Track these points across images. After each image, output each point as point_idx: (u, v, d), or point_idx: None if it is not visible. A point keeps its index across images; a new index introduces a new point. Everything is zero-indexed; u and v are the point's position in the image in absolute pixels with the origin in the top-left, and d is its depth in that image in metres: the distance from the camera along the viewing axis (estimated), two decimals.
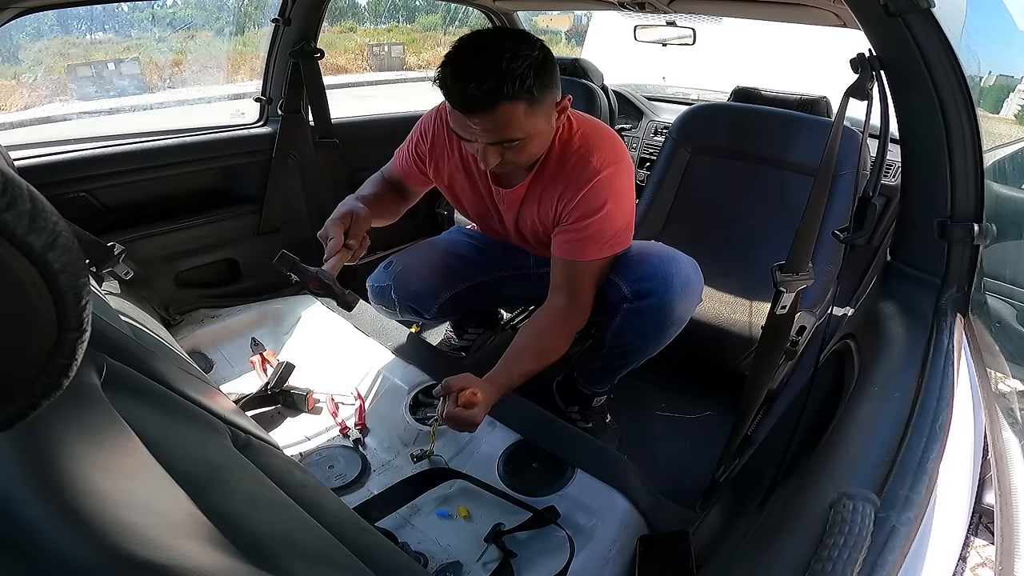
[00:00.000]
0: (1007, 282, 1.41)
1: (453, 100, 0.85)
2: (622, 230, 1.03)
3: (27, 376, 0.21)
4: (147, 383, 0.55)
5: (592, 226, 0.99)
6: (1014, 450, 0.68)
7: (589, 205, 0.98)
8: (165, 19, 8.25)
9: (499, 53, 0.82)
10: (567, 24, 12.64)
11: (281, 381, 1.20)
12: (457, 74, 0.83)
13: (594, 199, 0.98)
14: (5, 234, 0.18)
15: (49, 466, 0.31)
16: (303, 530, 0.46)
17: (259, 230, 1.67)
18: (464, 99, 0.84)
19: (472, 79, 0.82)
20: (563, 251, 1.03)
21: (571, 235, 1.01)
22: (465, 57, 0.84)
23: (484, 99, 0.83)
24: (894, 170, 1.62)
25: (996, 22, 1.19)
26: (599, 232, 1.00)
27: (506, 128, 0.86)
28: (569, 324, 1.03)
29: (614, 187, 0.99)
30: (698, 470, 1.12)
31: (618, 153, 1.01)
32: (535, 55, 0.85)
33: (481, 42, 0.85)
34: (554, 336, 1.02)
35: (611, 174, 0.98)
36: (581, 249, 1.01)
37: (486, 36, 0.86)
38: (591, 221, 0.99)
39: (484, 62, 0.82)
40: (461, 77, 0.83)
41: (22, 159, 1.27)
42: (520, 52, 0.83)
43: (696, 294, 1.05)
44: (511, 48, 0.83)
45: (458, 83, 0.83)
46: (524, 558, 0.89)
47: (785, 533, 0.53)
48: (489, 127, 0.86)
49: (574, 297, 1.03)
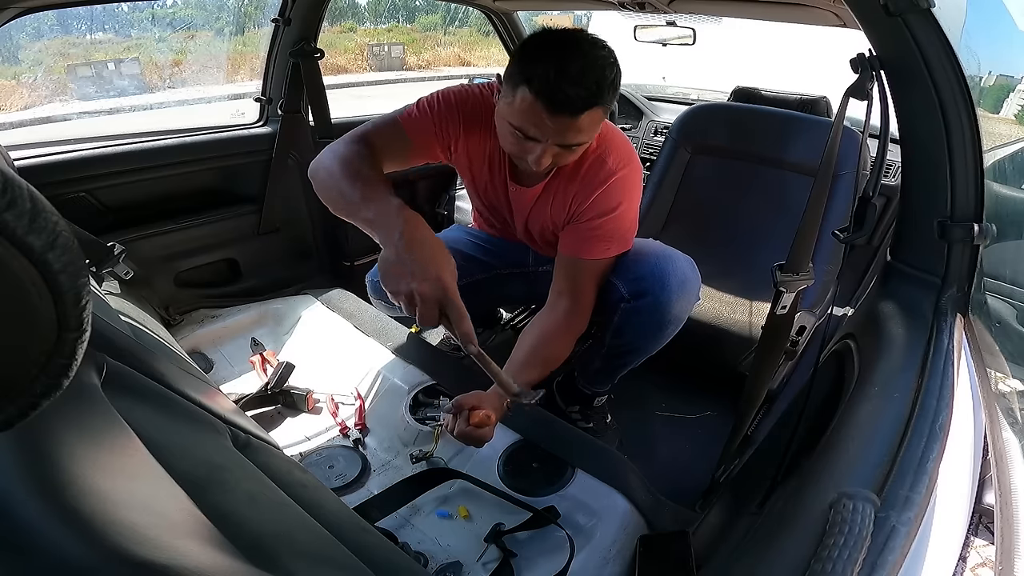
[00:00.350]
0: (1007, 282, 1.41)
1: (549, 98, 0.80)
2: (629, 230, 1.04)
3: (27, 376, 0.21)
4: (147, 383, 0.55)
5: (604, 225, 1.00)
6: (1014, 450, 0.68)
7: (603, 205, 0.99)
8: (165, 19, 8.26)
9: (598, 57, 0.81)
10: (567, 24, 12.65)
11: (281, 381, 1.20)
12: (562, 74, 0.79)
13: (609, 199, 0.99)
14: (5, 234, 0.18)
15: (49, 466, 0.31)
16: (303, 530, 0.46)
17: (259, 230, 1.67)
18: (564, 99, 0.80)
19: (576, 81, 0.79)
20: (570, 248, 1.03)
21: (580, 233, 1.01)
22: (563, 53, 0.80)
23: (581, 103, 0.81)
24: (894, 170, 1.62)
25: (996, 22, 1.19)
26: (609, 231, 1.01)
27: (581, 132, 0.85)
28: (572, 328, 1.03)
29: (627, 188, 1.00)
30: (698, 470, 1.12)
31: (631, 154, 1.02)
32: (617, 63, 0.83)
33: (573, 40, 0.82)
34: (557, 343, 1.02)
35: (625, 175, 0.99)
36: (589, 247, 1.01)
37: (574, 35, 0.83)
38: (603, 220, 0.99)
39: (587, 65, 0.80)
40: (565, 77, 0.79)
41: (22, 159, 1.27)
42: (608, 57, 0.82)
43: (693, 293, 1.05)
44: (603, 54, 0.81)
45: (561, 83, 0.79)
46: (524, 558, 0.89)
47: (785, 533, 0.53)
48: (568, 129, 0.84)
49: (577, 298, 1.03)
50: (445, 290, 0.74)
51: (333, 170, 0.87)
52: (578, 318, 1.04)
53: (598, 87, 0.80)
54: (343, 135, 0.96)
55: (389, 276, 0.75)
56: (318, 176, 0.91)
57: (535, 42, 0.83)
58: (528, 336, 1.03)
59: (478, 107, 1.01)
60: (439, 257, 0.75)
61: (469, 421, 0.91)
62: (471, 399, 0.93)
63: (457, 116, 1.00)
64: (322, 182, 0.90)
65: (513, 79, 0.83)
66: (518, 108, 0.83)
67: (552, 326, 1.03)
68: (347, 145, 0.92)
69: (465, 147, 1.05)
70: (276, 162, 1.63)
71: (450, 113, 1.00)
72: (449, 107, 1.00)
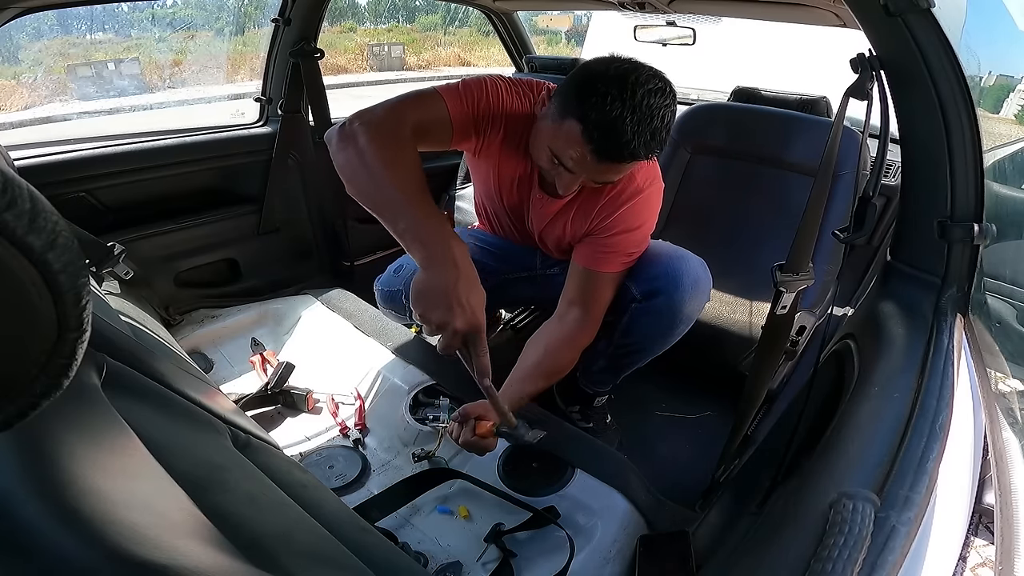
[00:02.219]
0: (1007, 282, 1.41)
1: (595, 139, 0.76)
2: (644, 243, 1.04)
3: (27, 376, 0.21)
4: (147, 383, 0.55)
5: (624, 241, 0.99)
6: (1014, 450, 0.68)
7: (628, 222, 0.98)
8: (165, 19, 8.27)
9: (656, 107, 0.76)
10: (567, 24, 12.65)
11: (281, 381, 1.20)
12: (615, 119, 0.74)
13: (634, 217, 0.98)
14: (5, 234, 0.18)
15: (49, 466, 0.31)
16: (303, 530, 0.46)
17: (259, 230, 1.67)
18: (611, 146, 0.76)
19: (628, 131, 0.75)
20: (587, 260, 1.02)
21: (600, 247, 1.00)
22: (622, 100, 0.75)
23: (631, 154, 0.77)
24: (894, 170, 1.62)
25: (996, 22, 1.19)
26: (628, 247, 1.00)
27: (619, 175, 0.83)
28: (580, 340, 1.03)
29: (651, 206, 1.00)
30: (698, 470, 1.12)
31: (656, 171, 1.01)
32: (674, 108, 0.79)
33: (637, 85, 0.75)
34: (564, 353, 1.02)
35: (651, 192, 0.99)
36: (607, 260, 1.00)
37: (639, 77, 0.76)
38: (625, 236, 0.99)
39: (644, 115, 0.75)
40: (617, 123, 0.74)
41: (22, 159, 1.27)
42: (668, 107, 0.77)
43: (705, 293, 1.05)
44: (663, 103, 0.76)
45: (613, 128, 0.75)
46: (524, 558, 0.89)
47: (785, 533, 0.53)
48: (608, 172, 0.82)
49: (588, 309, 1.02)
50: (480, 328, 0.72)
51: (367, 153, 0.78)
52: (587, 329, 1.03)
53: (652, 140, 0.77)
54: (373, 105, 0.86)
55: (426, 300, 0.72)
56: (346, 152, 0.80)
57: (596, 76, 0.77)
58: (534, 347, 1.03)
59: (523, 113, 0.95)
60: (479, 294, 0.73)
61: (475, 431, 0.90)
62: (478, 408, 0.92)
63: (501, 118, 0.95)
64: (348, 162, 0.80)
65: (565, 107, 0.79)
66: (563, 138, 0.79)
67: (560, 338, 1.02)
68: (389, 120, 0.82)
69: (499, 150, 0.99)
70: (276, 162, 1.63)
71: (495, 112, 0.94)
72: (497, 106, 0.93)
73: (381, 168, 0.76)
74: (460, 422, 0.93)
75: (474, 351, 0.74)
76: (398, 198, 0.75)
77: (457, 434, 0.92)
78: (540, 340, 1.03)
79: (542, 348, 1.02)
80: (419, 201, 0.75)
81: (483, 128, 0.95)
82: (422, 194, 0.76)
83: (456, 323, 0.71)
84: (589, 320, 1.03)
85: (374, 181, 0.77)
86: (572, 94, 0.78)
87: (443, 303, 0.71)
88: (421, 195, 0.76)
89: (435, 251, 0.72)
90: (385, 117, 0.83)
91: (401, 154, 0.79)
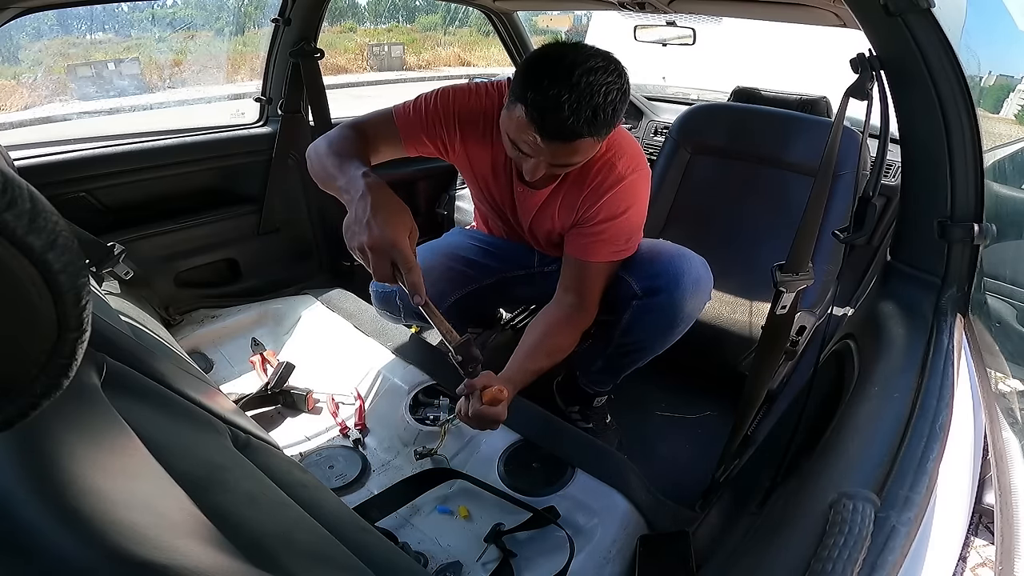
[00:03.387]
0: (1007, 282, 1.41)
1: (536, 120, 0.79)
2: (635, 233, 1.04)
3: (27, 376, 0.21)
4: (147, 383, 0.55)
5: (610, 229, 1.00)
6: (1014, 450, 0.68)
7: (611, 209, 0.99)
8: (165, 19, 8.26)
9: (595, 83, 0.77)
10: (567, 24, 12.65)
11: (281, 381, 1.20)
12: (553, 98, 0.77)
13: (617, 204, 0.98)
14: (5, 234, 0.18)
15: (49, 466, 0.31)
16: (303, 530, 0.46)
17: (259, 230, 1.67)
18: (550, 125, 0.79)
19: (567, 108, 0.77)
20: (577, 250, 1.03)
21: (588, 237, 1.01)
22: (560, 79, 0.77)
23: (572, 132, 0.79)
24: (894, 170, 1.62)
25: (996, 22, 1.19)
26: (615, 235, 1.01)
27: (575, 155, 0.84)
28: (577, 323, 1.04)
29: (636, 193, 1.00)
30: (698, 470, 1.12)
31: (640, 158, 1.01)
32: (623, 86, 0.80)
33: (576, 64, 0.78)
34: (564, 334, 1.02)
35: (635, 180, 0.99)
36: (595, 250, 1.01)
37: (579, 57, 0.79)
38: (610, 224, 0.99)
39: (582, 92, 0.77)
40: (554, 101, 0.77)
41: (22, 159, 1.27)
42: (612, 83, 0.79)
43: (706, 292, 1.06)
44: (605, 80, 0.78)
45: (550, 107, 0.77)
46: (524, 558, 0.89)
47: (785, 533, 0.53)
48: (560, 152, 0.83)
49: (583, 297, 1.04)
50: (394, 242, 0.76)
51: (320, 150, 0.93)
52: (584, 314, 1.04)
53: (593, 117, 0.78)
54: None
55: (348, 232, 0.79)
56: (310, 157, 0.95)
57: (538, 60, 0.81)
58: (535, 327, 1.04)
59: (479, 109, 1.00)
60: (393, 216, 0.78)
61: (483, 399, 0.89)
62: (481, 379, 0.91)
63: (453, 120, 1.01)
64: (311, 161, 0.95)
65: (513, 93, 0.82)
66: (515, 123, 0.83)
67: (558, 318, 1.04)
68: (339, 130, 0.98)
69: (464, 148, 1.04)
70: (276, 162, 1.63)
71: (446, 116, 1.00)
72: (446, 110, 1.00)
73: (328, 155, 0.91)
74: (466, 395, 0.91)
75: (402, 268, 0.78)
76: (339, 169, 0.87)
77: (465, 409, 0.91)
78: (540, 322, 1.05)
79: (541, 328, 1.03)
80: (349, 167, 0.86)
81: (436, 133, 1.02)
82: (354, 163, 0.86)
83: (372, 241, 0.76)
84: (585, 305, 1.04)
85: (323, 164, 0.91)
86: (518, 80, 0.81)
87: (360, 229, 0.77)
88: (352, 163, 0.86)
89: (352, 190, 0.81)
90: (342, 128, 0.98)
91: (344, 143, 0.93)
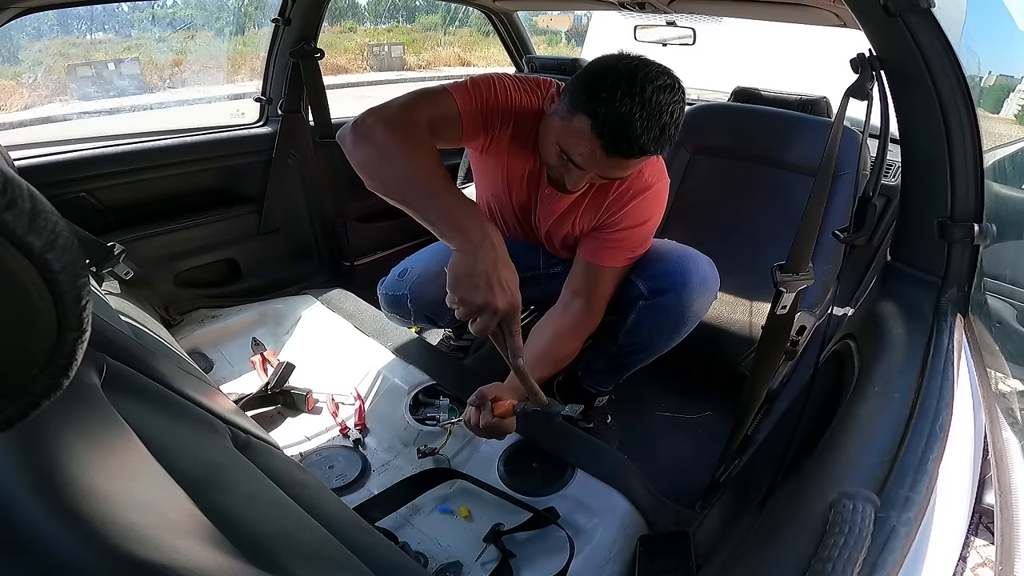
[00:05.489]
0: (1007, 282, 1.41)
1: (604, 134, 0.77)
2: (649, 239, 1.05)
3: (27, 376, 0.21)
4: (147, 383, 0.55)
5: (630, 236, 1.00)
6: (1014, 450, 0.68)
7: (635, 218, 0.99)
8: (165, 19, 8.27)
9: (665, 102, 0.76)
10: (567, 24, 12.65)
11: (281, 381, 1.20)
12: (623, 113, 0.75)
13: (641, 212, 0.99)
14: (5, 234, 0.18)
15: (49, 466, 0.31)
16: (303, 530, 0.46)
17: (259, 230, 1.67)
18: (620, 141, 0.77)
19: (639, 126, 0.75)
20: (591, 254, 1.03)
21: (605, 242, 1.01)
22: (631, 96, 0.75)
23: (640, 149, 0.78)
24: (894, 170, 1.62)
25: (996, 22, 1.19)
26: (633, 242, 1.01)
27: (627, 171, 0.83)
28: (584, 328, 1.04)
29: (658, 201, 1.00)
30: (698, 470, 1.12)
31: (663, 168, 1.02)
32: (684, 104, 0.80)
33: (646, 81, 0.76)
34: (569, 342, 1.02)
35: (659, 188, 1.00)
36: (612, 255, 1.01)
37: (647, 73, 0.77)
38: (631, 232, 1.00)
39: (653, 111, 0.75)
40: (626, 118, 0.75)
41: (22, 159, 1.27)
42: (677, 103, 0.78)
43: (712, 291, 1.06)
44: (672, 99, 0.77)
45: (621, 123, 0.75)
46: (524, 558, 0.89)
47: (785, 533, 0.53)
48: (617, 168, 0.82)
49: (591, 300, 1.03)
50: (518, 306, 0.73)
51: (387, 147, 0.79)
52: (591, 319, 1.04)
53: (660, 136, 0.77)
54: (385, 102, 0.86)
55: (464, 285, 0.72)
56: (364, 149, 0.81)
57: (606, 71, 0.78)
58: (540, 335, 1.03)
59: (531, 109, 0.95)
60: (515, 274, 0.74)
61: (494, 412, 0.89)
62: (493, 390, 0.91)
63: (510, 114, 0.94)
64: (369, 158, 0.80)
65: (575, 103, 0.79)
66: (573, 134, 0.80)
67: (565, 325, 1.03)
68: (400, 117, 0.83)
69: (508, 147, 0.99)
70: (276, 162, 1.63)
71: (505, 108, 0.93)
72: (506, 101, 0.93)
73: (405, 161, 0.77)
74: (477, 406, 0.91)
75: (508, 331, 0.75)
76: (427, 188, 0.75)
77: (475, 420, 0.90)
78: (546, 328, 1.04)
79: (548, 335, 1.02)
80: (448, 189, 0.76)
81: (492, 125, 0.94)
82: (449, 183, 0.77)
83: (498, 303, 0.71)
84: (592, 310, 1.04)
85: (400, 174, 0.77)
86: (582, 90, 0.79)
87: (484, 284, 0.71)
88: (448, 183, 0.77)
89: (472, 235, 0.72)
90: (400, 113, 0.83)
91: (422, 146, 0.80)
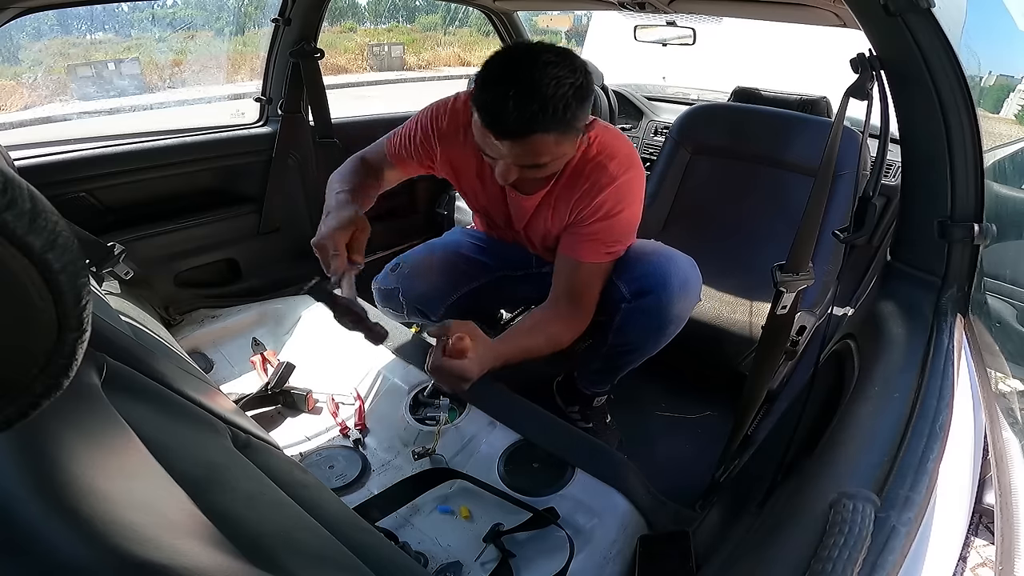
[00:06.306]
0: (1007, 282, 1.41)
1: (486, 120, 0.81)
2: (628, 234, 1.04)
3: (27, 376, 0.21)
4: (147, 383, 0.55)
5: (603, 230, 1.00)
6: (1014, 450, 0.68)
7: (604, 210, 0.99)
8: (165, 19, 8.27)
9: (542, 77, 0.78)
10: (567, 24, 12.64)
11: (281, 381, 1.20)
12: (497, 94, 0.78)
13: (611, 204, 0.99)
14: (5, 234, 0.18)
15: (49, 466, 0.31)
16: (303, 529, 0.46)
17: (259, 230, 1.67)
18: (499, 123, 0.80)
19: (511, 103, 0.77)
20: (569, 249, 1.03)
21: (580, 237, 1.02)
22: (506, 76, 0.79)
23: (521, 127, 0.79)
24: (894, 170, 1.62)
25: (996, 22, 1.19)
26: (607, 235, 1.01)
27: (534, 155, 0.84)
28: (572, 323, 1.04)
29: (630, 193, 1.00)
30: (698, 470, 1.11)
31: (633, 159, 1.01)
32: (577, 80, 0.81)
33: (523, 61, 0.79)
34: (560, 329, 1.02)
35: (627, 180, 0.99)
36: (588, 250, 1.01)
37: (528, 54, 0.80)
38: (603, 225, 1.00)
39: (527, 86, 0.77)
40: (500, 98, 0.78)
41: (22, 159, 1.26)
42: (564, 77, 0.79)
43: (694, 293, 1.06)
44: (555, 74, 0.78)
45: (496, 104, 0.78)
46: (524, 558, 0.89)
47: (785, 533, 0.53)
48: (517, 152, 0.83)
49: (575, 300, 1.03)
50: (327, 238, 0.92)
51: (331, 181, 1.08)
52: (574, 315, 1.04)
53: (541, 111, 0.78)
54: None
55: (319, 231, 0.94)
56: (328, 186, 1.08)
57: (488, 64, 0.83)
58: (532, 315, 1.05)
59: (456, 121, 1.04)
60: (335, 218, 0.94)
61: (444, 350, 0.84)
62: (461, 326, 0.87)
63: (432, 140, 1.06)
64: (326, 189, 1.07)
65: (473, 99, 0.83)
66: (476, 128, 0.85)
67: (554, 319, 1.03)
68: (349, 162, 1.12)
69: (448, 159, 1.08)
70: (276, 162, 1.63)
71: (425, 138, 1.06)
72: (425, 132, 1.06)
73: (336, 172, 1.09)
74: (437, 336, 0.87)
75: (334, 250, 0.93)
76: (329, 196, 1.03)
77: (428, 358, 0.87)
78: (527, 317, 1.06)
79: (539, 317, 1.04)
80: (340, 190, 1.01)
81: (422, 153, 1.08)
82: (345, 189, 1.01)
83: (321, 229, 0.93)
84: (580, 310, 1.04)
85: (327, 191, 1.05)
86: (476, 86, 0.83)
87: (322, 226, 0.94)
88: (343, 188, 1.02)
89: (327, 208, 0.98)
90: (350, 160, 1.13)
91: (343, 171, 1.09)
